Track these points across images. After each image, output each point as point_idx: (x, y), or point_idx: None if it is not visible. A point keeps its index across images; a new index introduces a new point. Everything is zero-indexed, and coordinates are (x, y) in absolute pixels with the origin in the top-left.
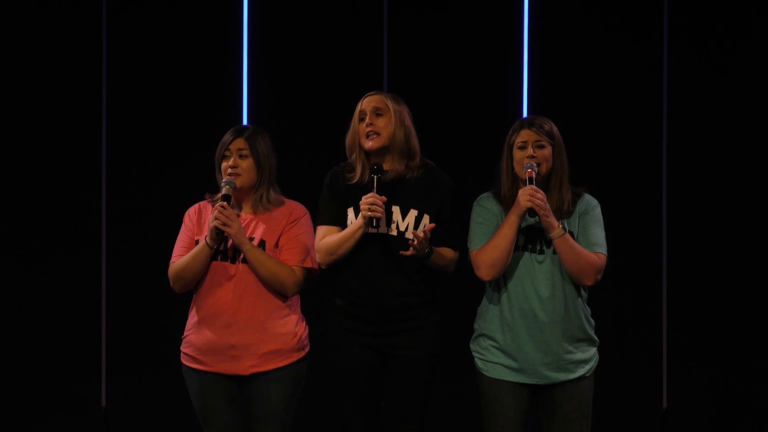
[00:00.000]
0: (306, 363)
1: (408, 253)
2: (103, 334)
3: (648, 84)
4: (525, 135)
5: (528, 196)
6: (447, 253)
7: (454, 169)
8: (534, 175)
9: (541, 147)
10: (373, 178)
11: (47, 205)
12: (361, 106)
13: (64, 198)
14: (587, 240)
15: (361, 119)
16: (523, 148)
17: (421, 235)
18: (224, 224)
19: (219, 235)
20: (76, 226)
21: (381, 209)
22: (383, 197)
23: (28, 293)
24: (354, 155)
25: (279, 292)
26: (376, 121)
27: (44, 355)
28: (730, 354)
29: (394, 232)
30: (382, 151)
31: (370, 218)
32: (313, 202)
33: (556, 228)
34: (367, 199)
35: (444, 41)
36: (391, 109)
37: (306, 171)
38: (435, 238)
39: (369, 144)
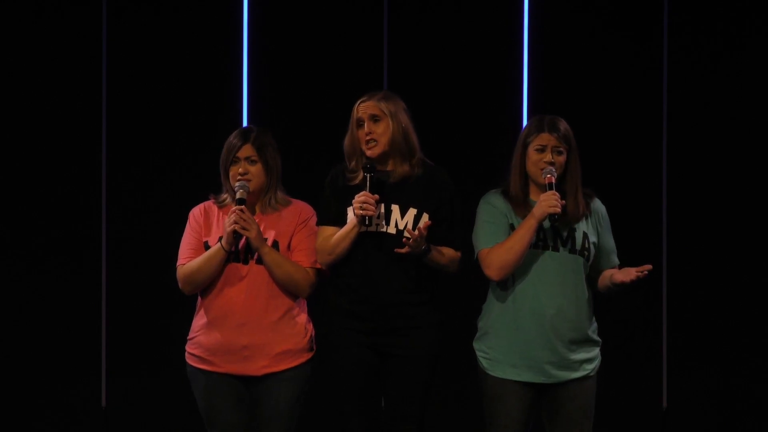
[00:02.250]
0: (312, 364)
1: (403, 250)
2: (103, 334)
3: (648, 84)
4: (545, 139)
5: (554, 201)
6: (447, 252)
7: (454, 169)
8: (554, 181)
9: (560, 153)
10: (366, 176)
11: (47, 205)
12: (357, 113)
13: (64, 198)
14: (608, 255)
15: (359, 125)
16: (540, 151)
17: (416, 233)
18: (243, 228)
19: (237, 239)
20: (76, 226)
21: (373, 207)
22: (375, 195)
23: (28, 293)
24: (354, 161)
25: (292, 293)
26: (374, 128)
27: (44, 355)
28: (730, 354)
29: (393, 231)
30: (384, 157)
31: (362, 217)
32: (314, 202)
33: None
34: (359, 198)
35: (444, 41)
36: (387, 114)
37: (306, 171)
38: (436, 237)
39: (369, 153)
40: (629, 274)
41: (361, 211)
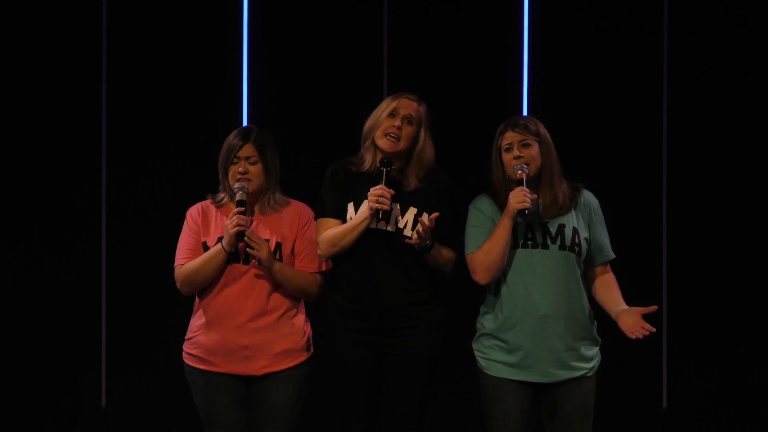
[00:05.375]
0: (311, 364)
1: (413, 241)
2: (103, 334)
3: (648, 84)
4: (510, 137)
5: (522, 197)
6: (446, 251)
7: (454, 169)
8: (525, 177)
9: (527, 146)
10: (381, 170)
11: (47, 205)
12: (397, 103)
13: (64, 198)
14: (600, 249)
15: (392, 115)
16: (509, 150)
17: (427, 222)
18: (252, 248)
19: (238, 241)
20: (76, 226)
21: (389, 202)
22: (391, 191)
23: (28, 293)
24: (368, 143)
25: (297, 298)
26: (405, 128)
27: (44, 355)
28: (730, 354)
29: (393, 229)
30: (398, 156)
31: (377, 210)
32: (314, 202)
33: None
34: (375, 191)
35: (444, 41)
36: (421, 123)
37: (306, 171)
38: (436, 237)
39: (382, 143)
40: (635, 326)
41: (377, 205)
